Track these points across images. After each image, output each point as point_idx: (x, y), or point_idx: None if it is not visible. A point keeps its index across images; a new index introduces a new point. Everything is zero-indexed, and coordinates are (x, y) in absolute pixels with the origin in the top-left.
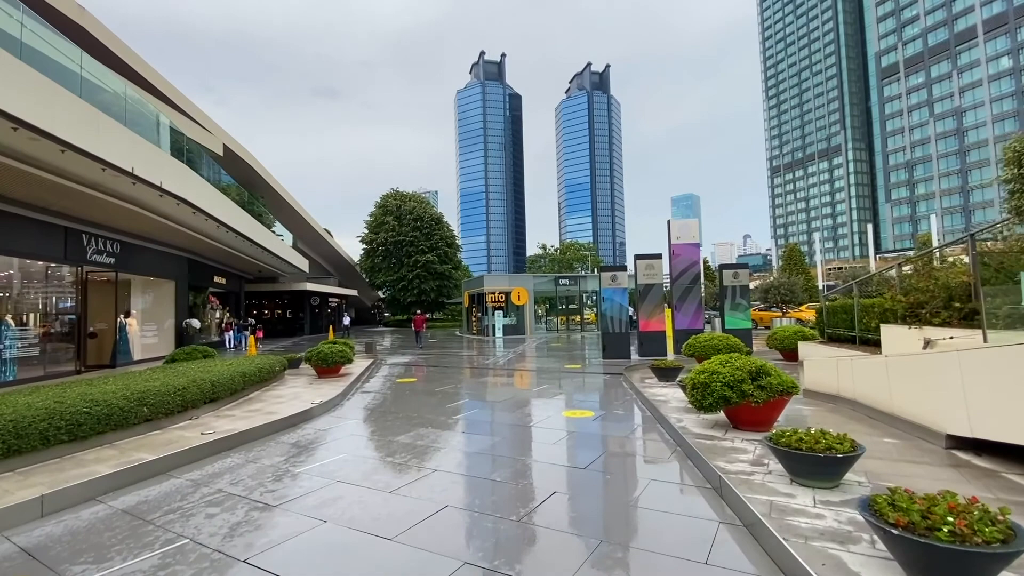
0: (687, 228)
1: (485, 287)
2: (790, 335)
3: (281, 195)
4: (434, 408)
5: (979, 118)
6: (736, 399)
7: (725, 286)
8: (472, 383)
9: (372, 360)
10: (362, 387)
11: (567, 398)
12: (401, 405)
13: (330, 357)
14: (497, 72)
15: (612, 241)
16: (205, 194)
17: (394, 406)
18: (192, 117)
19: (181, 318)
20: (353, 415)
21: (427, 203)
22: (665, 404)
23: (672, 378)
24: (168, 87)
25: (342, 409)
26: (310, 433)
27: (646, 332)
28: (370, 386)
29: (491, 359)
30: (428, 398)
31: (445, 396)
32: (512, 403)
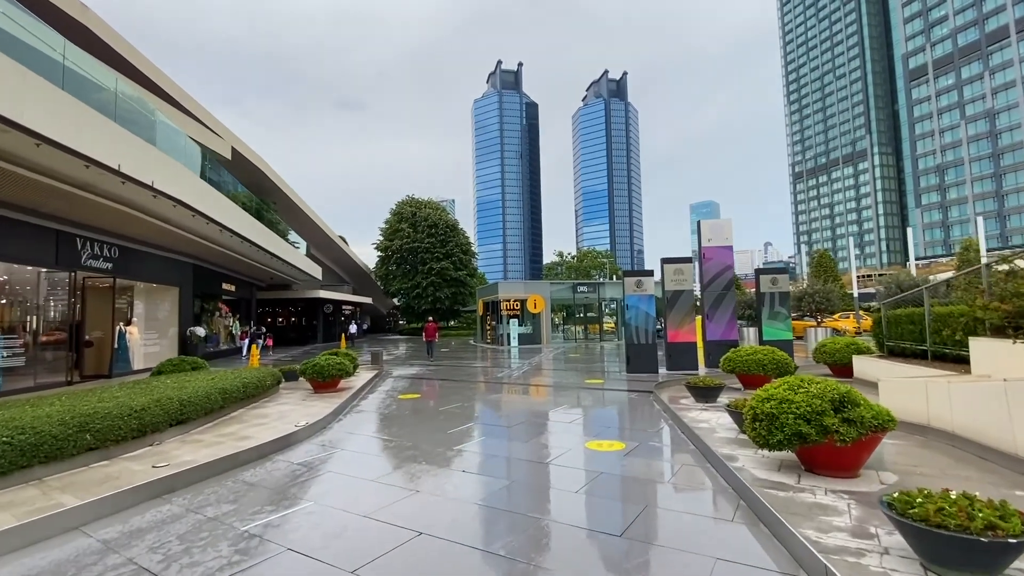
0: (719, 229)
1: (500, 294)
2: (842, 348)
3: (294, 201)
4: (434, 434)
5: (1013, 120)
6: (815, 437)
7: (763, 292)
8: (481, 401)
9: (377, 372)
10: (359, 405)
11: (590, 423)
12: (398, 429)
13: (326, 371)
14: (514, 81)
15: (630, 249)
16: (205, 196)
17: (389, 430)
18: (199, 119)
19: (185, 326)
20: (339, 443)
21: (442, 210)
22: (710, 434)
23: (712, 399)
24: (173, 87)
25: (328, 434)
26: (280, 468)
27: (675, 344)
28: (368, 403)
29: (504, 371)
30: (430, 420)
31: (449, 418)
32: (525, 428)
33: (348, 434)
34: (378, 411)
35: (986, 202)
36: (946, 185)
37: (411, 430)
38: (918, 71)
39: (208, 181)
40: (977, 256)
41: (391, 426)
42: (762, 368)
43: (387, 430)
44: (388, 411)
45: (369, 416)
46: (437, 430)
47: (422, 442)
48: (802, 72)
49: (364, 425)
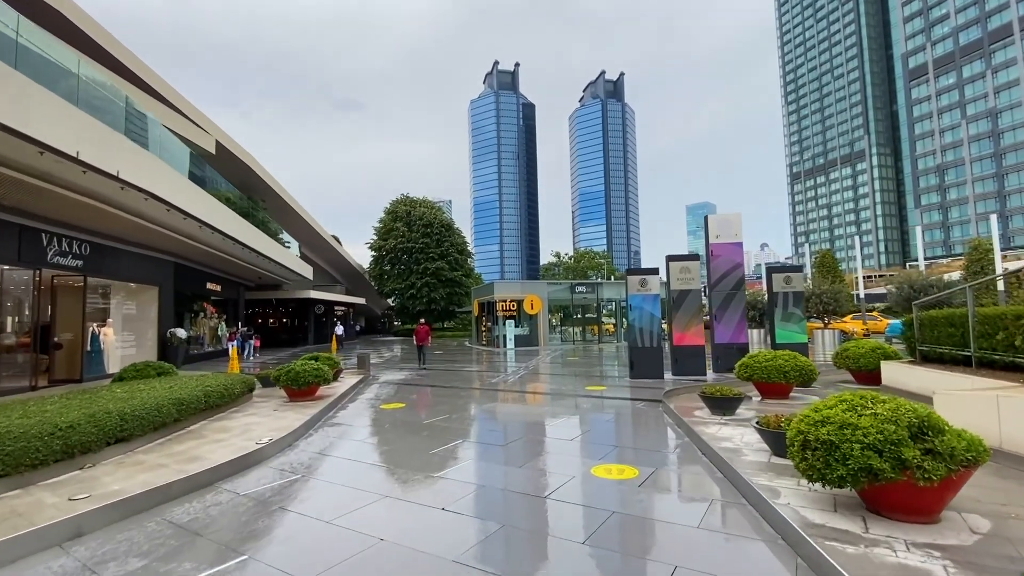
0: (728, 225)
1: (495, 295)
2: (867, 352)
3: (284, 199)
4: (415, 455)
5: (1016, 119)
6: (890, 473)
7: (775, 292)
8: (472, 412)
9: (362, 377)
10: (335, 416)
11: (594, 440)
12: (373, 449)
13: (302, 377)
14: (511, 82)
15: (627, 250)
16: (181, 190)
17: (364, 450)
18: (181, 110)
19: (166, 327)
20: (301, 467)
21: (437, 209)
22: (737, 456)
23: (731, 411)
24: (151, 75)
25: (292, 454)
26: (221, 502)
27: (681, 347)
28: (346, 415)
29: (499, 376)
30: (412, 436)
31: (435, 434)
32: (520, 448)
33: (315, 455)
34: (355, 424)
35: (987, 202)
36: (946, 185)
37: (389, 449)
38: (918, 70)
39: (191, 176)
40: (986, 256)
41: (367, 444)
42: (783, 376)
43: (361, 450)
44: (366, 425)
45: (344, 431)
46: (419, 450)
47: (400, 466)
48: (800, 73)
49: (336, 443)
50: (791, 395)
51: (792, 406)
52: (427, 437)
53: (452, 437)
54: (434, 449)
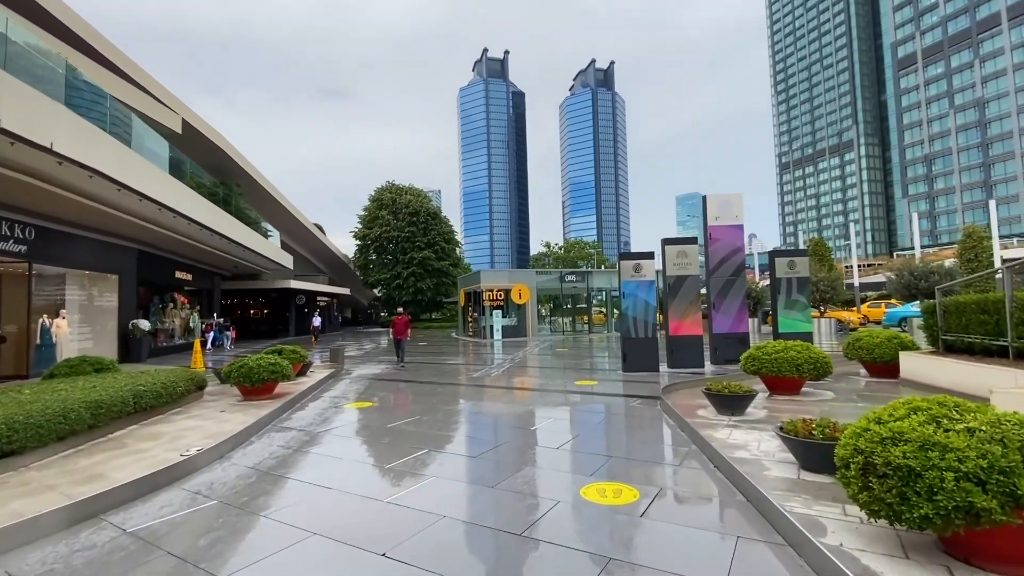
0: (728, 206)
1: (482, 284)
2: (883, 342)
3: (261, 184)
4: (368, 470)
5: (1003, 109)
6: (999, 514)
7: (779, 278)
8: (446, 413)
9: (333, 371)
10: (289, 418)
11: (584, 449)
12: (321, 461)
13: (256, 373)
14: (500, 69)
15: (617, 240)
16: (133, 168)
17: (306, 463)
18: (141, 85)
19: (127, 318)
20: (224, 487)
21: (424, 197)
22: (758, 471)
23: (740, 410)
24: (105, 44)
25: (220, 469)
26: (96, 544)
27: (678, 337)
28: (302, 416)
29: (483, 370)
30: (371, 444)
31: (398, 441)
32: (496, 459)
33: (246, 471)
34: (308, 429)
35: (973, 192)
36: (933, 175)
37: (339, 463)
38: (907, 60)
39: (172, 165)
40: (980, 243)
41: (313, 456)
42: (796, 369)
43: (304, 463)
44: (321, 429)
45: (291, 438)
46: (375, 462)
47: (348, 486)
48: (789, 62)
49: (277, 454)
50: (802, 390)
51: (805, 402)
52: (388, 445)
53: (418, 445)
54: (392, 462)
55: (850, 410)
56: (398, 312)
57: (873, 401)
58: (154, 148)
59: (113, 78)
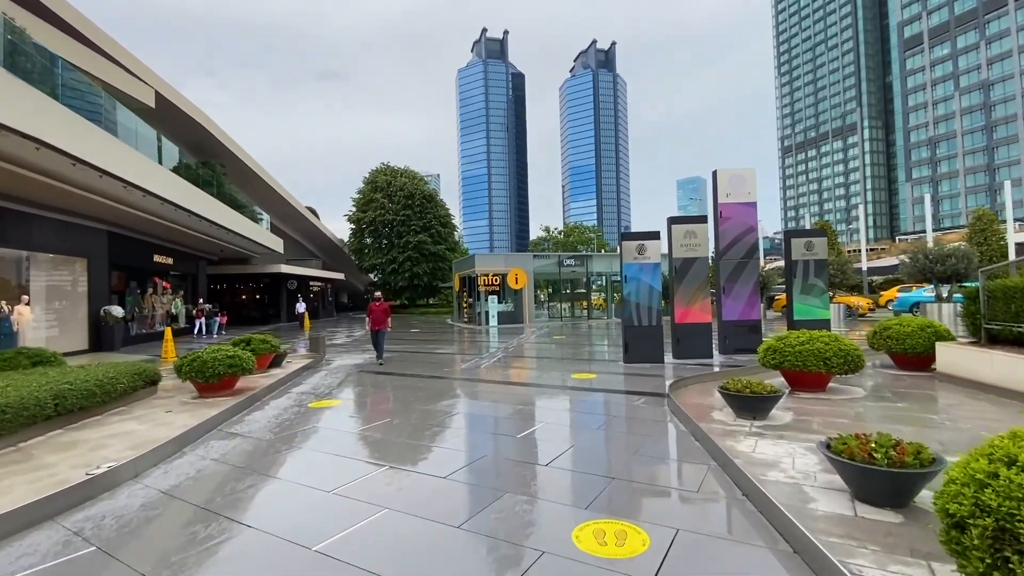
0: (740, 181)
1: (477, 268)
2: (915, 331)
3: (248, 166)
4: (306, 498)
5: (1008, 91)
6: None
7: (794, 260)
8: (423, 415)
9: (312, 361)
10: (240, 420)
11: (581, 467)
12: (256, 480)
13: (210, 368)
14: (500, 50)
15: (617, 225)
16: (87, 138)
17: (237, 484)
18: (108, 53)
19: (98, 304)
20: (116, 522)
21: (419, 179)
22: (801, 502)
23: (763, 413)
24: (66, 9)
25: (126, 494)
26: None
27: (684, 325)
28: (255, 419)
29: (472, 360)
30: (320, 459)
31: (356, 451)
32: (470, 482)
33: (155, 497)
34: (255, 436)
35: (977, 176)
36: (938, 158)
37: (272, 486)
38: (913, 40)
39: (164, 154)
40: (990, 226)
41: (249, 473)
42: (823, 363)
43: (231, 485)
44: (270, 436)
45: (231, 449)
46: (317, 485)
47: (272, 523)
48: (794, 43)
49: (207, 469)
50: (827, 386)
51: (833, 401)
52: (342, 460)
53: (379, 458)
54: (340, 485)
55: (890, 412)
56: (374, 297)
57: (912, 401)
58: (134, 127)
59: (72, 44)
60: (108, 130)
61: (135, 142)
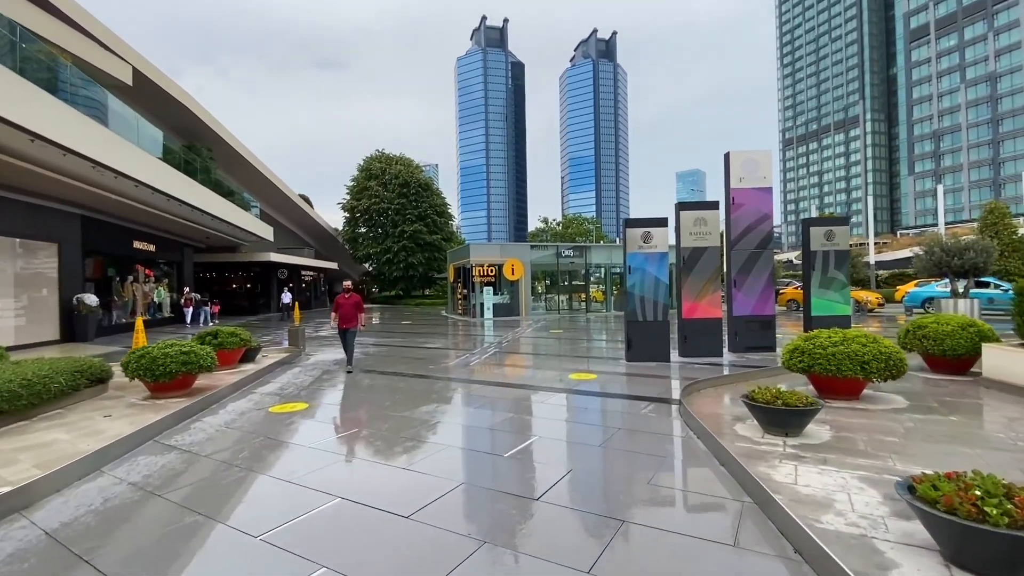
0: (754, 165)
1: (471, 259)
2: (955, 330)
3: (237, 151)
4: (231, 542)
5: (1015, 84)
6: None
7: (813, 251)
8: (395, 426)
9: (288, 356)
10: (186, 428)
11: (580, 503)
12: (159, 515)
13: (160, 366)
14: (499, 38)
15: (616, 217)
16: (44, 111)
17: (135, 526)
18: (80, 25)
19: (71, 292)
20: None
21: (415, 167)
22: (882, 569)
23: (798, 429)
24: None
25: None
26: None
27: (692, 320)
28: (203, 426)
29: (463, 356)
30: (265, 481)
31: (312, 474)
32: (440, 525)
33: (32, 542)
34: (198, 449)
35: (981, 170)
36: (941, 152)
37: (194, 524)
38: (919, 31)
39: (92, 110)
40: (1002, 220)
41: (169, 507)
42: (861, 368)
43: (131, 524)
44: (214, 450)
45: (161, 468)
46: (249, 528)
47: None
48: (797, 34)
49: (111, 502)
50: (861, 393)
51: (873, 413)
52: (286, 488)
53: (330, 487)
54: (273, 528)
55: (945, 428)
56: (343, 287)
57: (965, 413)
58: (107, 105)
59: (35, 11)
60: (78, 107)
61: (116, 123)
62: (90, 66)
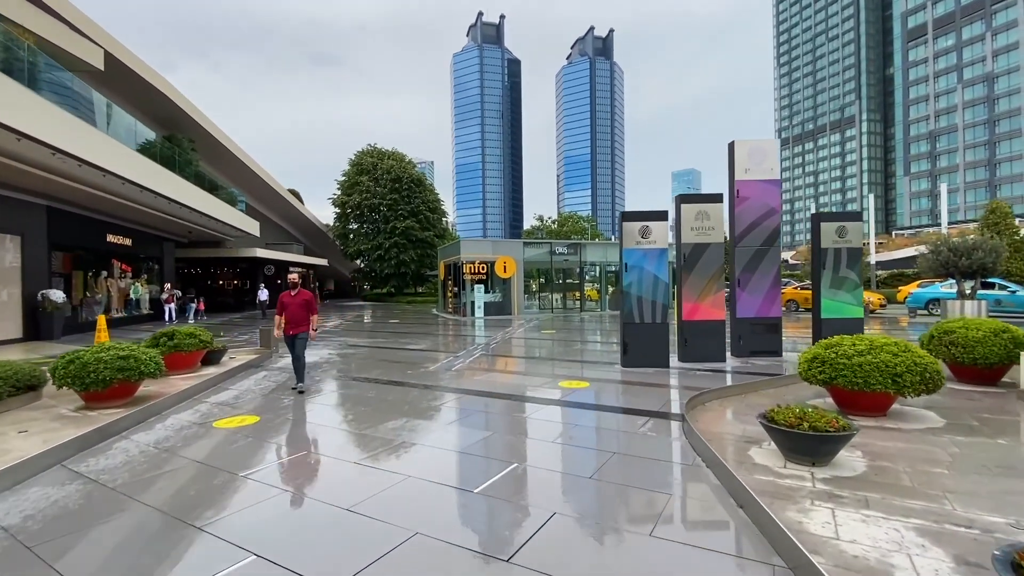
0: (761, 155)
1: (462, 255)
2: (987, 336)
3: (220, 142)
4: None
5: (1012, 84)
6: None
7: (823, 248)
8: (354, 443)
9: (257, 357)
10: (109, 448)
11: (566, 568)
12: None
13: (92, 373)
14: (496, 35)
15: (611, 215)
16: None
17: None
18: (46, 3)
19: (35, 288)
20: None
21: (407, 163)
22: None
23: (828, 457)
24: None
25: None
26: None
27: (693, 323)
28: (129, 446)
29: (446, 360)
30: (161, 530)
31: (229, 523)
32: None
33: None
34: (109, 477)
35: (977, 171)
36: (937, 152)
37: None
38: (916, 31)
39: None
40: (1004, 220)
41: (19, 557)
42: (893, 381)
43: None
44: (128, 479)
45: (57, 504)
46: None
47: None
48: (794, 33)
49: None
50: (889, 409)
51: (908, 434)
52: (187, 537)
53: (235, 548)
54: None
55: (995, 454)
56: (290, 281)
57: (1011, 434)
58: (74, 88)
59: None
60: (41, 92)
61: (84, 109)
62: (56, 48)
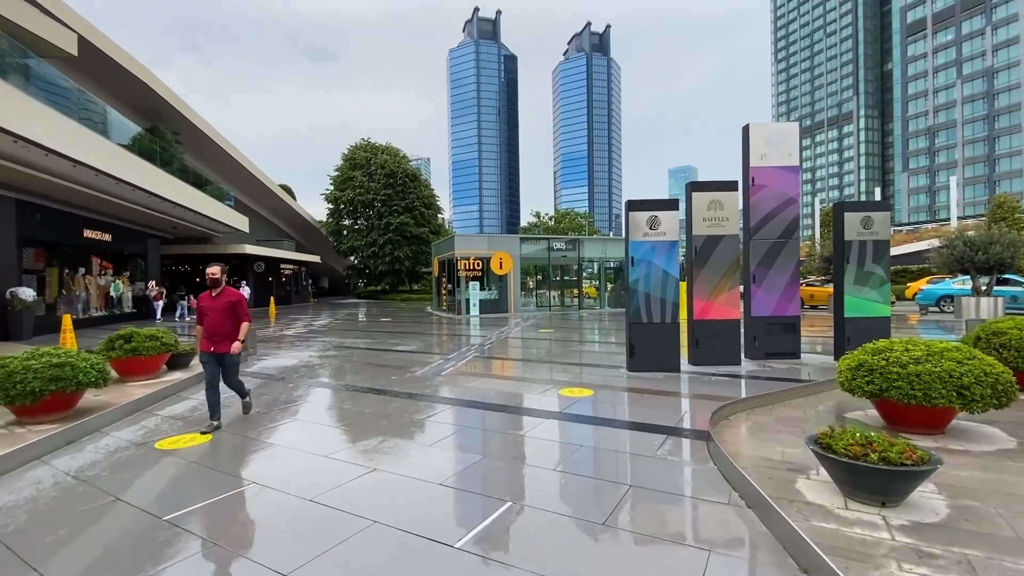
0: (779, 139)
1: (456, 251)
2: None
3: (207, 134)
4: None
5: (1012, 79)
6: None
7: (847, 241)
8: (316, 470)
9: None
10: (20, 477)
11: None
12: None
13: (17, 384)
14: (492, 30)
15: (608, 212)
16: None
17: None
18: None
19: (3, 285)
20: None
21: (402, 157)
22: None
23: (899, 497)
24: None
25: None
26: None
27: (705, 322)
28: (37, 478)
29: (435, 363)
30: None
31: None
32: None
33: None
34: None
35: (976, 167)
36: (936, 148)
37: None
38: (916, 25)
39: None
40: (1012, 214)
41: None
42: (958, 393)
43: None
44: (24, 521)
45: None
46: None
47: None
48: (792, 28)
49: None
50: (947, 426)
51: (981, 457)
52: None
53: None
54: None
55: None
56: (209, 277)
57: None
58: (43, 75)
59: None
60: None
61: (55, 97)
62: (23, 31)
